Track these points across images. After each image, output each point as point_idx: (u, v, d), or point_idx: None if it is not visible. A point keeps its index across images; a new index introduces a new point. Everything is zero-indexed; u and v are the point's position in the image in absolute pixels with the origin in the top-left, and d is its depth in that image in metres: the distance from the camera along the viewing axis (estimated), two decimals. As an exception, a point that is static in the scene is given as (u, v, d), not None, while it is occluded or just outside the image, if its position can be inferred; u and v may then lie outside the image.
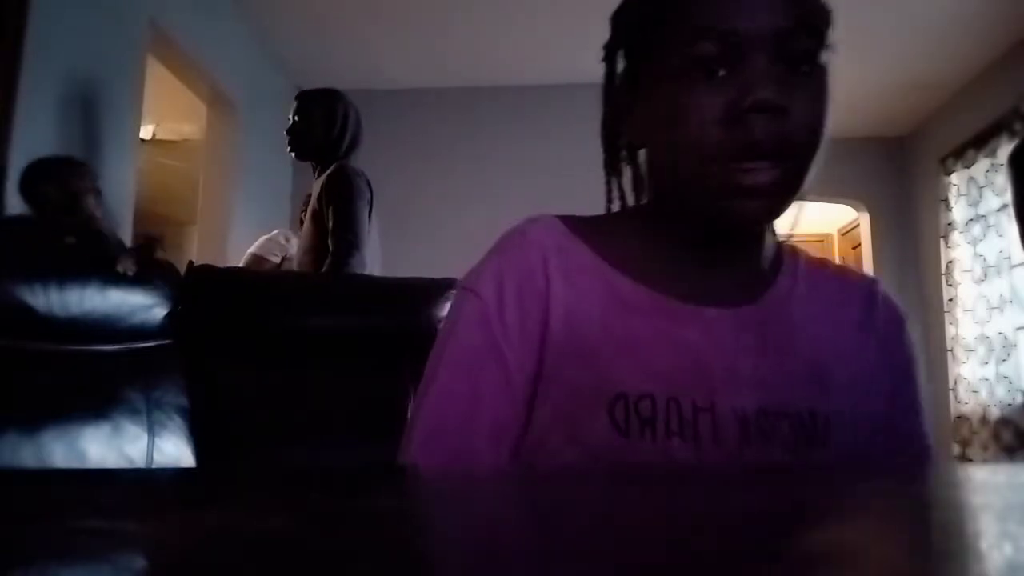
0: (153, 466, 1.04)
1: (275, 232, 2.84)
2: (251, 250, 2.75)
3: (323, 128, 2.39)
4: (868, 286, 0.65)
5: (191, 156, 3.95)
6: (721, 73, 0.52)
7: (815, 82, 0.53)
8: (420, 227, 4.06)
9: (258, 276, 1.83)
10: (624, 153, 0.64)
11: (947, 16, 3.44)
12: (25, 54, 2.16)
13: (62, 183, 1.98)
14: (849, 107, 4.87)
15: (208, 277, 1.29)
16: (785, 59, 0.52)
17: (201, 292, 1.25)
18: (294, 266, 2.82)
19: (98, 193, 2.05)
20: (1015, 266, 3.60)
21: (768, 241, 0.62)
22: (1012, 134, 3.53)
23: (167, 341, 1.16)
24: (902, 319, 0.64)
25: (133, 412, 1.04)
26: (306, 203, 2.45)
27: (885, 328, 0.63)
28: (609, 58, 0.61)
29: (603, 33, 0.64)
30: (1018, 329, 3.59)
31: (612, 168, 0.64)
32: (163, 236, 1.38)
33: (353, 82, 4.36)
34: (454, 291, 0.62)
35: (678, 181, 0.56)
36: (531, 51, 3.97)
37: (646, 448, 0.53)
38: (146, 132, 3.88)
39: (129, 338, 1.11)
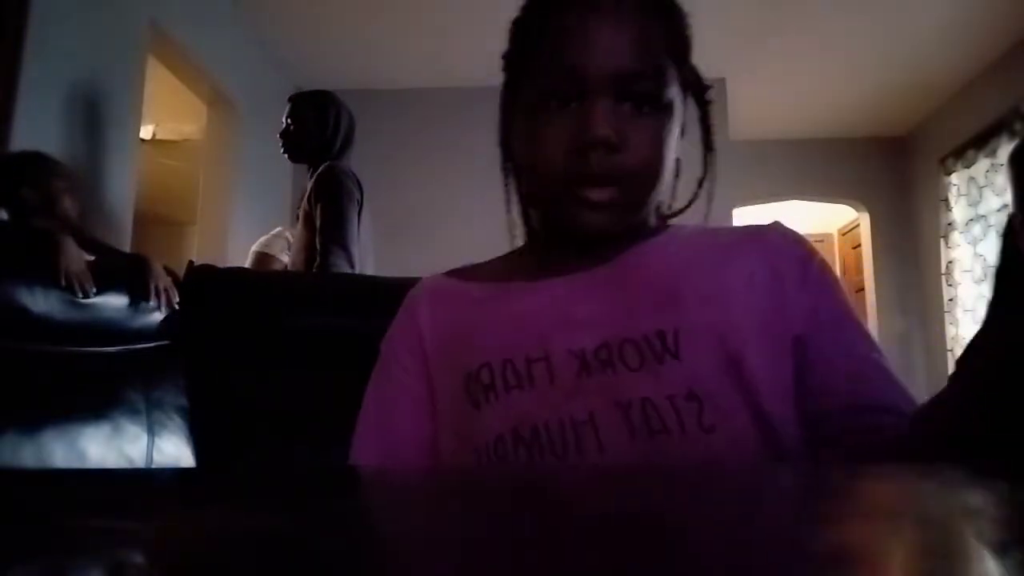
0: (153, 466, 1.04)
1: (279, 229, 2.83)
2: (256, 248, 2.72)
3: (315, 130, 2.41)
4: (756, 229, 0.66)
5: (191, 156, 3.95)
6: (572, 105, 0.59)
7: (656, 119, 0.60)
8: (420, 227, 4.07)
9: (257, 276, 1.83)
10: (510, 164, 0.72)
11: (947, 16, 3.44)
12: (25, 54, 2.16)
13: (38, 185, 1.95)
14: (849, 107, 4.88)
15: (207, 278, 1.29)
16: (628, 97, 0.59)
17: (201, 293, 1.25)
18: (290, 266, 2.85)
19: (75, 191, 2.01)
20: (1015, 266, 3.60)
21: (653, 224, 0.68)
22: (1012, 134, 3.53)
23: (166, 342, 1.16)
24: (800, 253, 0.63)
25: (133, 412, 1.04)
26: (299, 204, 2.48)
27: (776, 260, 0.62)
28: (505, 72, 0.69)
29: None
30: (1018, 329, 3.59)
31: (505, 175, 0.71)
32: (148, 259, 1.36)
33: (353, 82, 4.38)
34: None
35: (535, 196, 0.65)
36: (531, 51, 3.97)
37: (493, 411, 0.59)
38: (146, 132, 3.88)
39: (129, 339, 1.11)
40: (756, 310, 0.59)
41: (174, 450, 1.08)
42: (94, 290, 1.17)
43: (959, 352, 4.02)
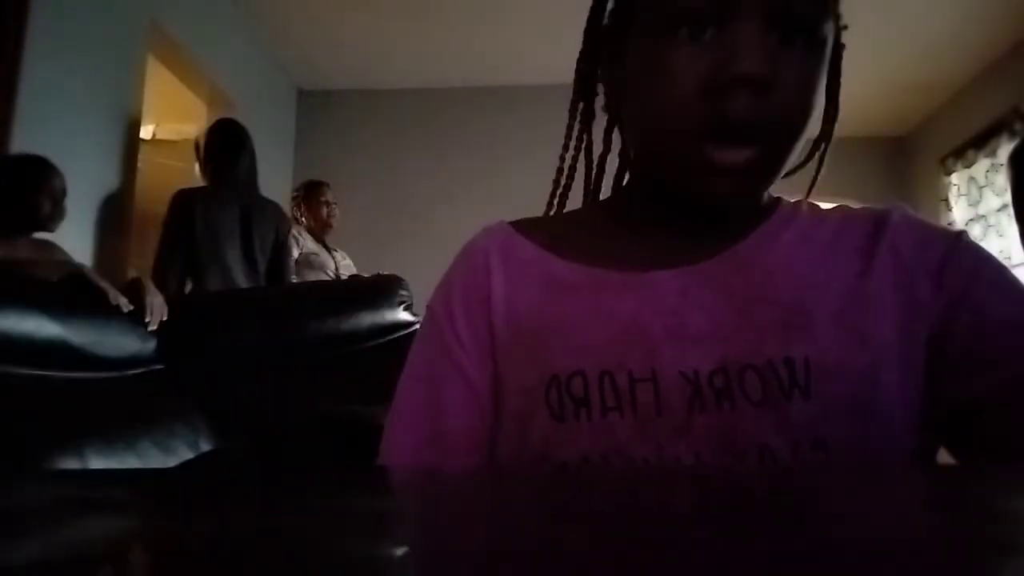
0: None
1: None
2: None
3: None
4: (880, 212, 0.55)
5: (191, 156, 3.94)
6: (708, 33, 0.46)
7: (810, 56, 0.47)
8: (420, 226, 4.06)
9: (232, 295, 1.89)
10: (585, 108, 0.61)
11: (947, 16, 3.44)
12: (25, 54, 2.16)
13: (52, 193, 2.00)
14: (849, 107, 4.87)
15: (188, 303, 1.34)
16: (779, 26, 0.46)
17: (183, 318, 1.29)
18: (318, 252, 2.95)
19: (56, 195, 2.01)
20: (1015, 266, 3.60)
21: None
22: (1012, 134, 3.53)
23: (159, 366, 1.18)
24: (946, 240, 0.52)
25: (175, 433, 1.06)
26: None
27: (909, 251, 0.51)
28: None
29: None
30: (1018, 329, 3.59)
31: (580, 115, 0.61)
32: (140, 279, 1.44)
33: (353, 82, 4.38)
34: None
35: (650, 153, 0.53)
36: (533, 51, 3.97)
37: (583, 431, 0.48)
38: (146, 132, 3.87)
39: (127, 365, 1.13)
40: (894, 332, 0.49)
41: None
42: (128, 306, 1.27)
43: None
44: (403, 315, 1.60)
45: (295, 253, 2.82)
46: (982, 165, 3.86)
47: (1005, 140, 3.62)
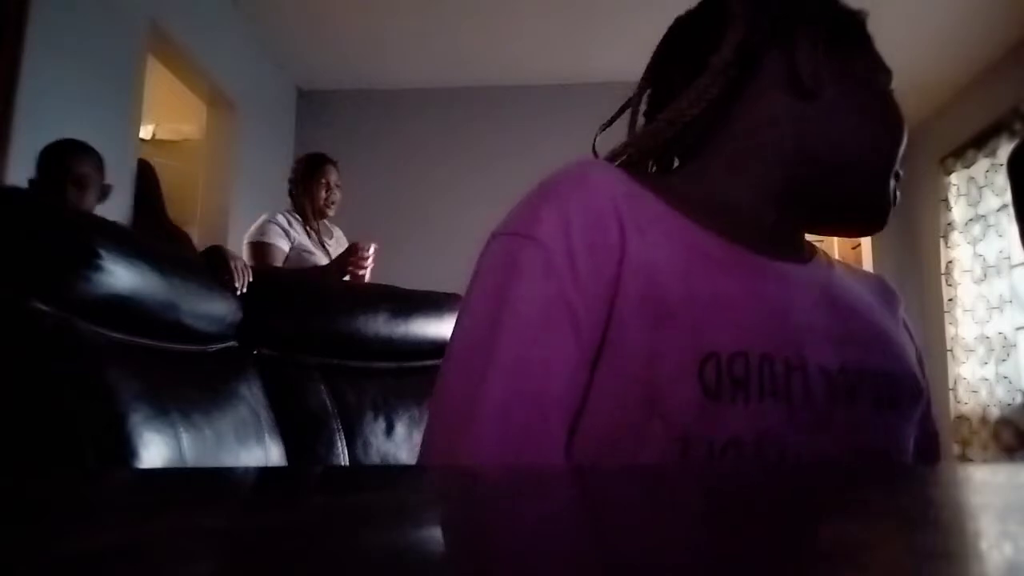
0: (268, 463, 1.05)
1: (264, 217, 2.66)
2: (251, 239, 2.58)
3: None
4: (875, 275, 0.69)
5: (191, 156, 3.95)
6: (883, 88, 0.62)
7: None
8: (421, 226, 4.07)
9: (306, 283, 1.85)
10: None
11: (947, 16, 3.44)
12: (25, 54, 2.16)
13: (99, 168, 2.05)
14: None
15: (262, 281, 1.33)
16: None
17: (258, 296, 1.27)
18: (311, 251, 2.65)
19: (82, 180, 2.04)
20: (1015, 266, 3.60)
21: None
22: (1012, 134, 3.53)
23: (234, 343, 1.16)
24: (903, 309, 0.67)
25: (251, 411, 1.06)
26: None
27: (902, 315, 0.65)
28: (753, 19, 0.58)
29: (606, 34, 0.64)
30: (1018, 329, 3.59)
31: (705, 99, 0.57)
32: (219, 245, 1.44)
33: (353, 82, 4.38)
34: (495, 239, 0.53)
35: (853, 164, 0.58)
36: (533, 51, 3.97)
37: (737, 412, 0.47)
38: (146, 132, 3.87)
39: (213, 339, 1.11)
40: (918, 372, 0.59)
41: (277, 447, 1.10)
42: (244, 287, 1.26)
43: (958, 352, 4.04)
44: None
45: (284, 247, 2.60)
46: (982, 165, 3.85)
47: (1005, 140, 3.62)
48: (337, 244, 2.83)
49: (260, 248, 2.57)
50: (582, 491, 0.34)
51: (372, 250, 2.43)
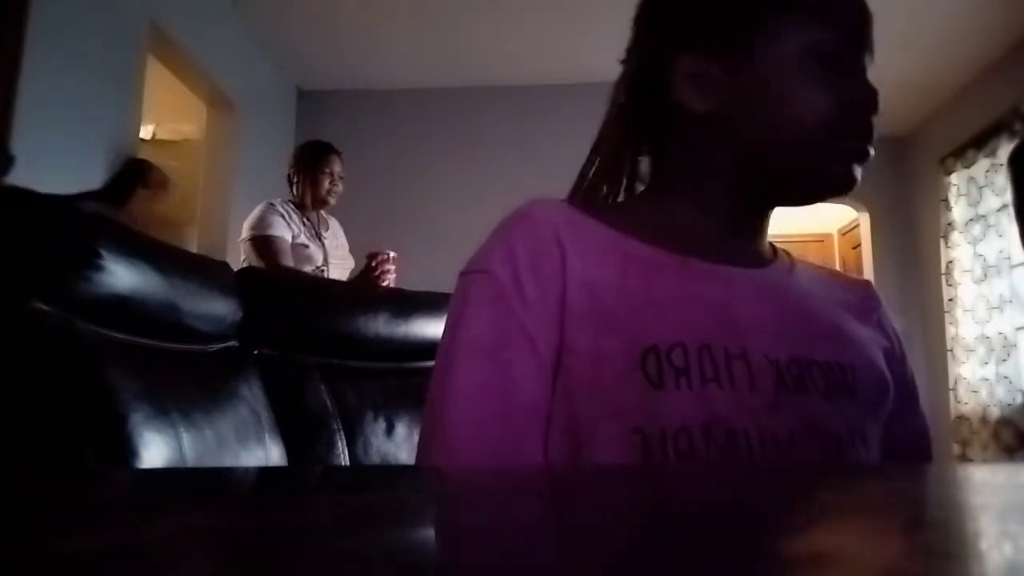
0: (268, 463, 1.05)
1: (263, 207, 2.54)
2: (255, 232, 2.45)
3: None
4: (860, 280, 0.72)
5: (191, 156, 3.95)
6: (834, 65, 0.57)
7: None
8: (419, 226, 4.07)
9: (306, 283, 1.84)
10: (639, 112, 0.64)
11: (947, 16, 3.44)
12: (25, 54, 2.16)
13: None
14: (849, 107, 4.88)
15: (260, 280, 1.32)
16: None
17: (255, 295, 1.26)
18: (303, 242, 2.53)
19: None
20: (1015, 266, 3.60)
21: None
22: (1012, 134, 3.53)
23: (235, 343, 1.16)
24: (886, 311, 0.69)
25: (251, 411, 1.05)
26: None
27: (879, 317, 0.67)
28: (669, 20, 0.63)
29: (605, 34, 0.64)
30: (1018, 329, 3.59)
31: (637, 121, 0.64)
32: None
33: (353, 82, 4.38)
34: (458, 279, 0.59)
35: (778, 147, 0.58)
36: (533, 51, 3.97)
37: (683, 399, 0.51)
38: (146, 132, 3.87)
39: (213, 339, 1.11)
40: (889, 367, 0.62)
41: (277, 446, 1.09)
42: None
43: (959, 352, 4.04)
44: None
45: (288, 237, 2.47)
46: (982, 165, 3.86)
47: (1005, 140, 3.62)
48: (333, 237, 2.74)
49: (266, 243, 2.43)
50: (576, 491, 0.34)
51: (392, 257, 2.40)
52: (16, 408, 0.75)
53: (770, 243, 0.68)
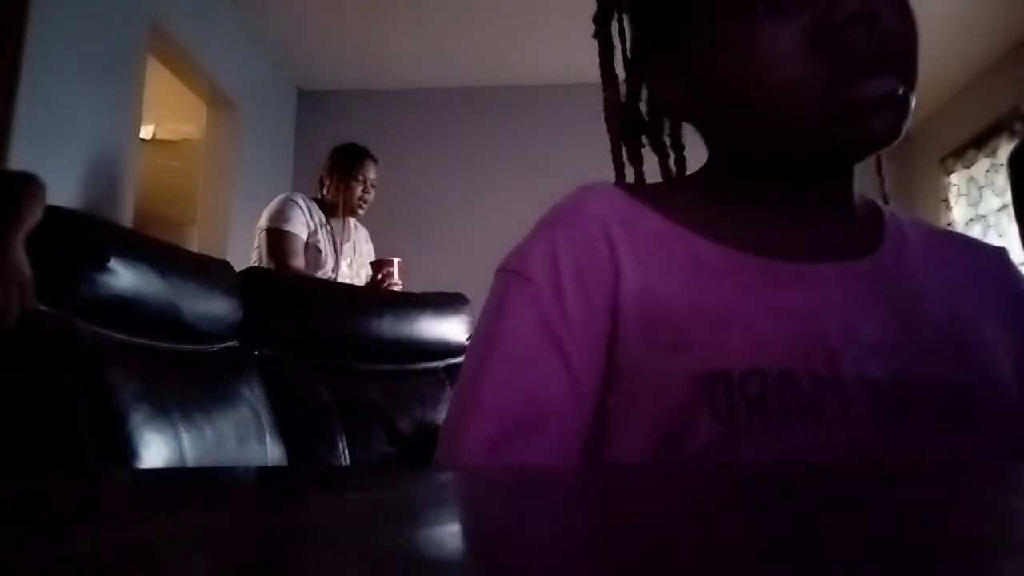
0: (268, 463, 1.05)
1: (289, 198, 2.46)
2: (271, 224, 2.38)
3: None
4: (998, 249, 0.57)
5: (191, 156, 3.95)
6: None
7: None
8: (420, 227, 4.06)
9: (308, 284, 1.83)
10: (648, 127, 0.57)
11: (947, 16, 3.44)
12: (25, 53, 2.16)
13: None
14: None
15: (263, 281, 1.32)
16: None
17: (258, 295, 1.26)
18: (319, 242, 2.43)
19: None
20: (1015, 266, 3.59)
21: (857, 193, 0.53)
22: (1012, 134, 3.53)
23: (235, 342, 1.16)
24: None
25: (252, 410, 1.06)
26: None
27: (1013, 294, 0.54)
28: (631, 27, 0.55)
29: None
30: (1018, 329, 3.59)
31: (656, 146, 0.57)
32: None
33: (353, 82, 4.38)
34: (496, 275, 0.52)
35: (762, 125, 0.47)
36: (532, 51, 3.97)
37: (757, 437, 0.42)
38: (146, 132, 3.88)
39: (213, 339, 1.11)
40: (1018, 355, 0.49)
41: (277, 445, 1.10)
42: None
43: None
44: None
45: (304, 235, 2.37)
46: (982, 165, 3.86)
47: (1005, 140, 3.62)
48: (352, 249, 2.60)
49: (280, 237, 2.35)
50: (590, 490, 0.34)
51: (396, 263, 2.34)
52: (18, 408, 0.75)
53: (873, 205, 0.56)
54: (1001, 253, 0.56)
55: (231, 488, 0.35)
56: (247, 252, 2.64)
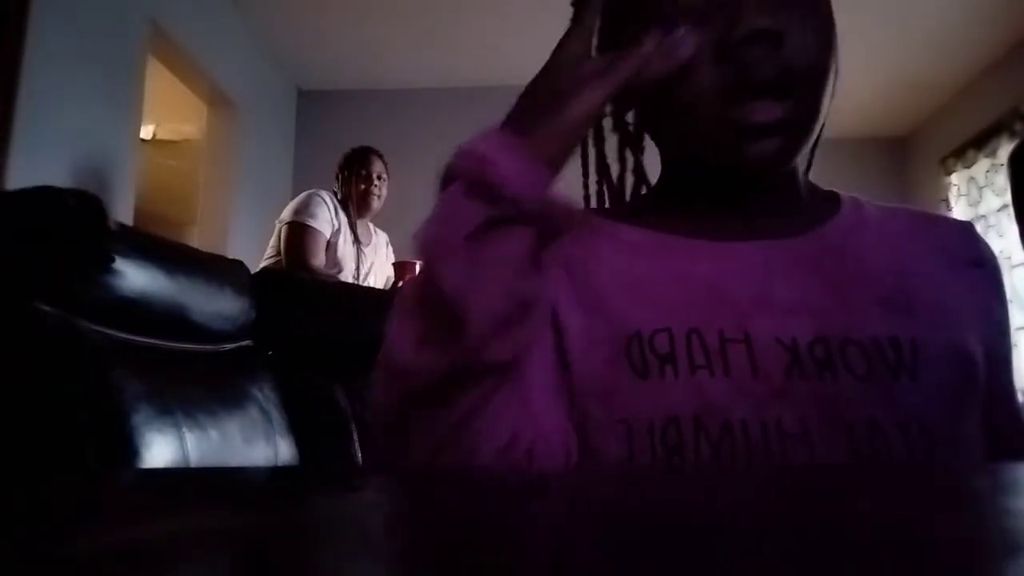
0: (278, 462, 1.04)
1: (316, 193, 2.44)
2: (295, 217, 2.36)
3: None
4: (963, 224, 0.58)
5: (191, 156, 3.95)
6: (695, 13, 0.46)
7: (820, 4, 0.48)
8: (418, 227, 4.06)
9: (321, 284, 1.81)
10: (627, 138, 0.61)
11: (947, 16, 3.44)
12: (26, 53, 2.16)
13: None
14: (849, 107, 4.89)
15: (279, 281, 1.31)
16: None
17: (273, 295, 1.25)
18: (341, 242, 2.42)
19: None
20: (1015, 266, 3.60)
21: (805, 183, 0.56)
22: (1012, 134, 3.53)
23: (249, 342, 1.15)
24: (997, 266, 0.55)
25: (261, 410, 1.05)
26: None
27: (984, 270, 0.54)
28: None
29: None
30: (1018, 329, 3.59)
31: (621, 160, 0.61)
32: None
33: (353, 82, 4.38)
34: None
35: (681, 139, 0.51)
36: (532, 51, 3.95)
37: (670, 389, 0.46)
38: (146, 132, 3.87)
39: (226, 339, 1.11)
40: (983, 332, 0.51)
41: (288, 446, 1.09)
42: None
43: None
44: None
45: (327, 232, 2.35)
46: (982, 165, 3.86)
47: (1005, 140, 3.62)
48: (373, 251, 2.62)
49: (302, 232, 2.32)
50: (586, 493, 0.34)
51: (418, 267, 2.35)
52: (20, 409, 0.75)
53: (831, 194, 0.58)
54: (966, 226, 0.57)
55: (233, 488, 0.35)
56: (247, 252, 2.64)
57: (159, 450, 0.82)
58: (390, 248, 2.78)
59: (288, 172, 4.26)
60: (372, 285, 2.57)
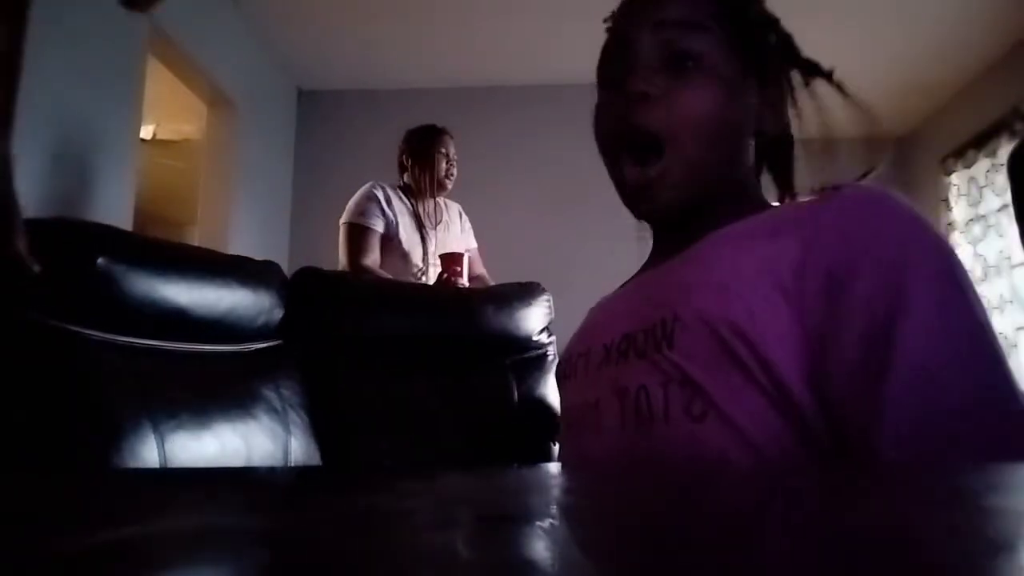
0: (291, 463, 1.04)
1: (371, 188, 2.38)
2: (349, 218, 2.32)
3: None
4: (810, 201, 0.59)
5: (191, 156, 3.95)
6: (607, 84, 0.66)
7: (700, 77, 0.60)
8: (420, 227, 4.06)
9: (351, 283, 1.78)
10: None
11: (947, 16, 3.44)
12: (25, 53, 2.16)
13: None
14: (849, 107, 4.88)
15: (316, 280, 1.30)
16: (667, 60, 0.61)
17: (309, 295, 1.25)
18: (402, 234, 2.33)
19: None
20: (1015, 266, 3.60)
21: (757, 200, 0.69)
22: (1012, 134, 3.53)
23: (279, 342, 1.15)
24: (856, 213, 0.53)
25: (271, 410, 1.04)
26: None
27: (804, 231, 0.53)
28: None
29: (603, 33, 0.64)
30: (1018, 329, 3.59)
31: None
32: None
33: (353, 82, 4.38)
34: None
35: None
36: (530, 51, 3.97)
37: (575, 386, 0.69)
38: (146, 132, 3.88)
39: (248, 339, 1.10)
40: (772, 288, 0.52)
41: (305, 447, 1.09)
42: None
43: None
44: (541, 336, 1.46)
45: (379, 227, 2.28)
46: (982, 165, 3.85)
47: (1005, 140, 3.62)
48: (446, 229, 2.51)
49: (353, 232, 2.26)
50: (581, 488, 0.34)
51: (460, 257, 2.25)
52: (21, 409, 0.75)
53: (754, 205, 0.65)
54: (839, 197, 0.56)
55: (231, 489, 0.35)
56: (247, 252, 2.60)
57: (159, 450, 0.81)
58: (464, 218, 2.66)
59: (288, 172, 4.26)
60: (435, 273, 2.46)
